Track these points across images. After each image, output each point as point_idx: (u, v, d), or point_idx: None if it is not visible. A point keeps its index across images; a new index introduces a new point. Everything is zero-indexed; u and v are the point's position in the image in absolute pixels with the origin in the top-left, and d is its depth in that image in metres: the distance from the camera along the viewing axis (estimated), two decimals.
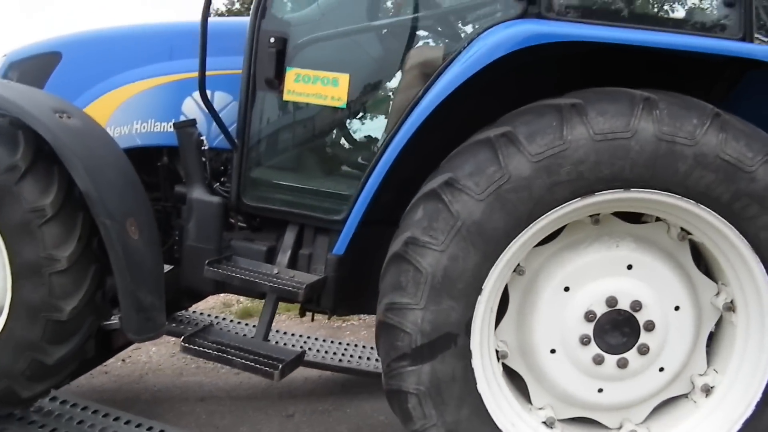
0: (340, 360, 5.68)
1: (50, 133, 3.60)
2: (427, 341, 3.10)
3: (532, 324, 3.35)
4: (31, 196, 3.59)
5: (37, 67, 4.43)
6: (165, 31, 4.56)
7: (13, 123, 3.75)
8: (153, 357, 6.31)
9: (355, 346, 6.00)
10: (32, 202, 3.58)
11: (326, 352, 5.78)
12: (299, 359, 3.71)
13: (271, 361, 3.52)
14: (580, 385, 3.37)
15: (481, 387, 3.22)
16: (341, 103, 3.67)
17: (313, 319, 4.98)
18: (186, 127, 3.93)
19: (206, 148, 3.99)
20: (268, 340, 3.82)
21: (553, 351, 3.32)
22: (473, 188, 3.00)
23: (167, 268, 4.11)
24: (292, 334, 5.96)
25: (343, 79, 3.64)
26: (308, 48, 3.82)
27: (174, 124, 3.95)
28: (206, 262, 3.70)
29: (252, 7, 3.80)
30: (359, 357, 5.75)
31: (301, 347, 5.52)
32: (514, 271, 3.31)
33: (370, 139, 3.91)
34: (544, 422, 3.42)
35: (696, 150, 2.95)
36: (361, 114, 3.91)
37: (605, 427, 3.55)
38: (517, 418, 3.36)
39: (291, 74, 3.69)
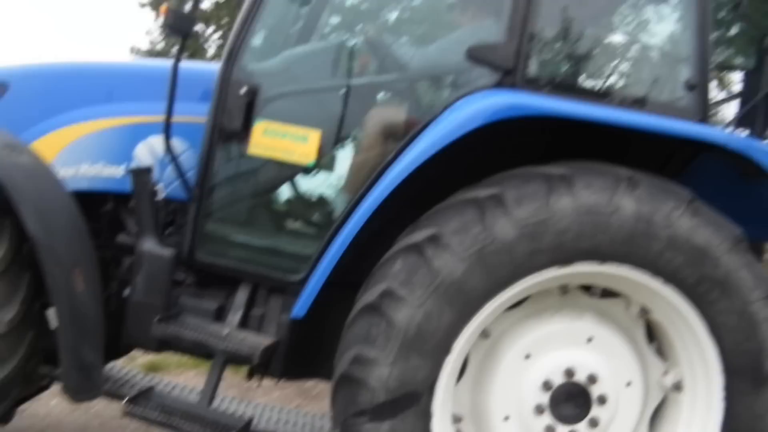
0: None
1: (2, 171, 3.42)
2: (390, 398, 3.02)
3: (489, 389, 3.31)
4: None
5: None
6: (120, 72, 4.46)
7: None
8: (53, 410, 5.87)
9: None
10: None
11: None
12: (247, 428, 3.55)
13: (221, 428, 3.38)
14: None
15: None
16: (309, 160, 3.59)
17: (259, 384, 4.76)
18: (142, 174, 3.77)
19: (161, 197, 3.84)
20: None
21: (506, 418, 3.28)
22: (456, 246, 3.00)
23: None
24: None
25: (314, 135, 3.58)
26: (278, 101, 3.75)
27: (130, 170, 3.78)
28: (155, 319, 3.54)
29: (223, 54, 3.73)
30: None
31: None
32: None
33: (332, 199, 3.83)
34: None
35: (670, 232, 3.05)
36: (325, 173, 3.82)
37: None
38: None
39: (259, 127, 3.60)
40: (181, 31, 3.54)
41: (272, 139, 3.59)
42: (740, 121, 3.74)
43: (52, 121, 4.10)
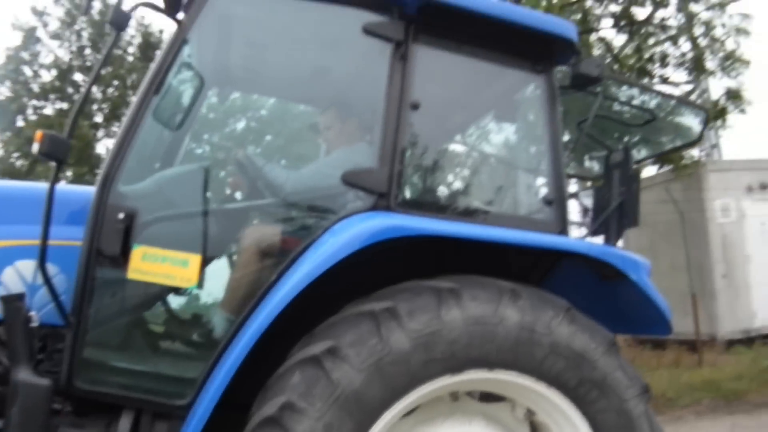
0: None
1: None
2: None
3: None
4: None
5: None
6: None
7: None
8: None
9: None
10: None
11: None
12: None
13: None
14: None
15: None
16: (191, 284, 3.62)
17: None
18: (14, 300, 3.64)
19: (35, 324, 3.74)
20: None
21: None
22: (354, 358, 3.10)
23: None
24: None
25: (194, 259, 3.61)
26: (155, 225, 3.77)
27: (1, 297, 3.66)
28: None
29: (99, 178, 3.72)
30: None
31: None
32: None
33: (213, 320, 3.84)
34: None
35: (551, 339, 3.31)
36: (204, 295, 3.86)
37: None
38: None
39: (138, 252, 3.59)
40: (56, 157, 3.52)
41: (152, 264, 3.58)
42: (595, 230, 4.09)
43: None
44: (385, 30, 3.81)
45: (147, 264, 3.60)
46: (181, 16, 3.94)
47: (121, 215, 3.60)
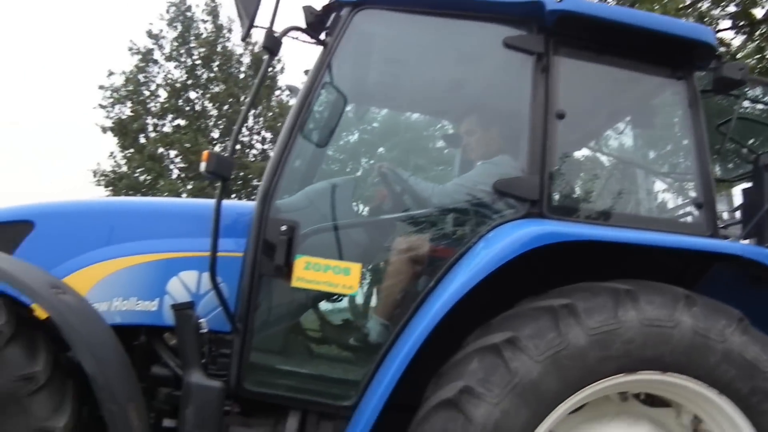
0: None
1: (55, 312, 3.52)
2: None
3: None
4: (18, 363, 3.43)
5: (6, 234, 4.29)
6: (146, 210, 4.61)
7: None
8: None
9: None
10: (20, 369, 3.41)
11: None
12: None
13: None
14: None
15: None
16: (352, 291, 3.81)
17: None
18: (184, 309, 3.90)
19: (204, 331, 3.98)
20: None
21: None
22: (533, 350, 3.22)
23: None
24: None
25: (355, 268, 3.78)
26: (312, 236, 3.96)
27: (172, 305, 3.90)
28: None
29: (259, 192, 3.95)
30: None
31: None
32: None
33: (371, 326, 4.00)
34: None
35: (724, 347, 3.34)
36: (365, 301, 4.02)
37: None
38: None
39: (301, 262, 3.79)
40: (222, 175, 3.74)
41: (314, 273, 3.78)
42: (747, 233, 4.08)
43: (80, 258, 4.21)
44: (525, 43, 3.94)
45: (310, 273, 3.79)
46: (324, 37, 4.13)
47: (284, 228, 3.80)
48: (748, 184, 4.41)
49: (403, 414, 3.47)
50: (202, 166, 3.73)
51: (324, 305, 4.14)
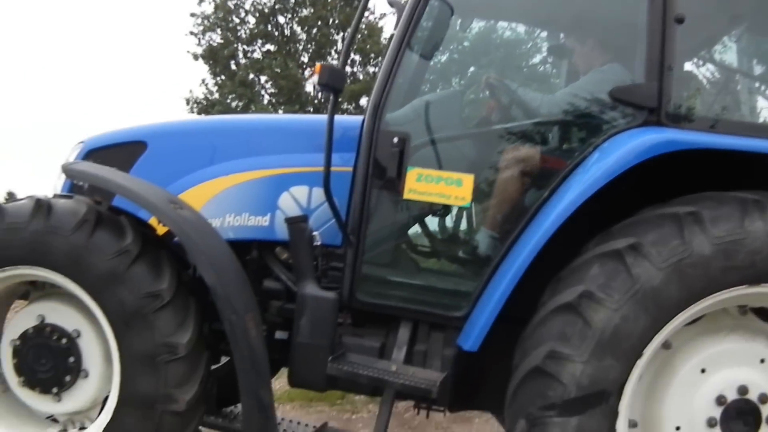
0: None
1: (176, 226, 3.65)
2: (580, 395, 3.16)
3: (663, 398, 3.44)
4: (145, 280, 3.59)
5: (120, 155, 4.44)
6: (254, 127, 4.69)
7: (112, 209, 3.79)
8: None
9: None
10: (146, 286, 3.57)
11: None
12: None
13: None
14: None
15: None
16: (465, 202, 3.80)
17: (428, 416, 4.93)
18: (298, 222, 3.97)
19: (317, 244, 4.05)
20: None
21: (678, 428, 3.41)
22: (656, 257, 3.17)
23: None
24: (306, 425, 5.89)
25: (468, 179, 3.77)
26: (423, 148, 3.96)
27: (286, 219, 3.98)
28: (330, 359, 3.73)
29: (369, 105, 3.96)
30: None
31: None
32: None
33: (481, 238, 3.99)
34: None
35: None
36: (475, 212, 4.01)
37: None
38: None
39: (413, 173, 3.81)
40: (334, 87, 3.74)
41: (426, 185, 3.79)
42: None
43: (192, 176, 4.33)
44: None
45: (422, 184, 3.80)
46: None
47: (395, 140, 3.81)
48: None
49: (511, 325, 3.49)
50: (315, 78, 3.76)
51: (434, 218, 4.13)
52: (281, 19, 26.68)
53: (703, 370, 3.41)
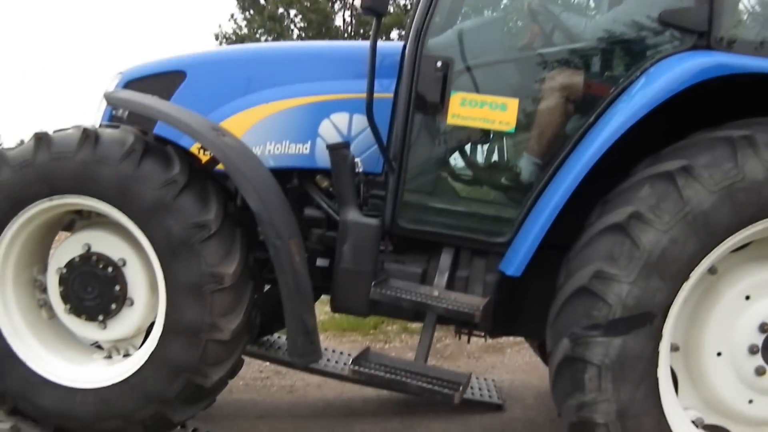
0: None
1: (221, 153, 3.65)
2: (626, 316, 3.18)
3: (706, 323, 3.46)
4: (192, 211, 3.59)
5: (159, 85, 4.41)
6: (294, 54, 4.63)
7: (158, 139, 3.80)
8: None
9: None
10: (193, 217, 3.57)
11: None
12: (469, 381, 3.76)
13: (448, 384, 3.57)
14: (734, 392, 3.47)
15: (660, 371, 3.31)
16: (509, 127, 3.75)
17: (468, 341, 5.01)
18: (340, 149, 3.96)
19: (360, 170, 4.04)
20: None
21: (719, 354, 3.43)
22: (708, 179, 3.14)
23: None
24: (341, 353, 6.05)
25: (512, 104, 3.73)
26: (466, 73, 3.91)
27: (328, 146, 3.98)
28: (373, 283, 3.76)
29: (412, 30, 3.91)
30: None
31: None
32: None
33: (524, 164, 3.95)
34: (693, 422, 3.53)
35: None
36: (518, 138, 3.97)
37: None
38: (674, 409, 3.41)
39: (456, 98, 3.77)
40: (377, 11, 3.66)
41: (470, 109, 3.75)
42: None
43: (232, 104, 4.31)
44: None
45: (466, 109, 3.77)
46: None
47: (439, 64, 3.76)
48: None
49: (549, 251, 3.49)
50: (357, 2, 3.69)
51: (477, 143, 4.11)
52: None
53: (747, 297, 3.41)
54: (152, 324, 3.87)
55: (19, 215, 3.77)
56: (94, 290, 3.82)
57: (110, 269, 3.81)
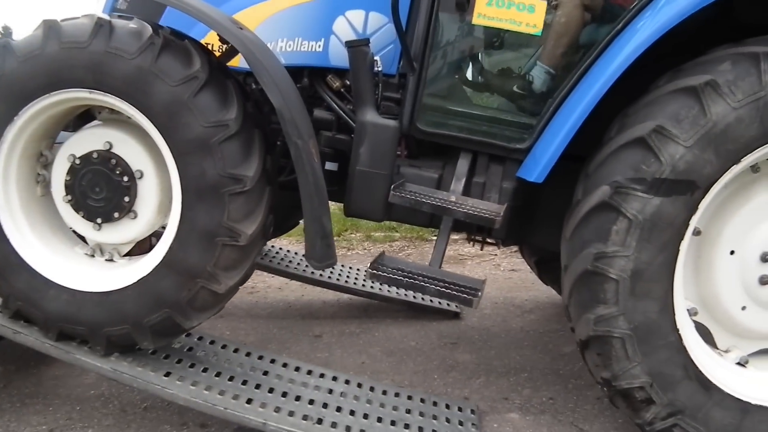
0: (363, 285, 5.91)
1: (242, 45, 3.46)
2: (672, 178, 3.16)
3: (731, 218, 3.48)
4: (211, 110, 3.35)
5: None
6: None
7: (175, 34, 3.59)
8: None
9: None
10: (213, 116, 3.34)
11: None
12: (482, 286, 3.75)
13: (466, 289, 3.57)
14: (732, 295, 3.51)
15: (683, 245, 3.28)
16: (537, 30, 3.62)
17: (482, 249, 5.01)
18: (360, 46, 3.79)
19: (379, 69, 3.92)
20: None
21: (732, 252, 3.46)
22: (731, 95, 3.10)
23: None
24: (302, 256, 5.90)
25: (540, 5, 3.59)
26: None
27: (347, 42, 3.81)
28: (392, 187, 3.69)
29: None
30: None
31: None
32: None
33: (554, 70, 3.83)
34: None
35: None
36: (543, 44, 3.84)
37: None
38: (679, 290, 3.40)
39: None
40: None
41: (497, 10, 3.61)
42: None
43: None
44: None
45: (492, 9, 3.63)
46: None
47: None
48: None
49: (566, 161, 3.44)
50: None
51: (501, 46, 3.98)
52: None
53: None
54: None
55: (25, 109, 3.51)
56: (102, 193, 3.61)
57: (125, 178, 3.59)
